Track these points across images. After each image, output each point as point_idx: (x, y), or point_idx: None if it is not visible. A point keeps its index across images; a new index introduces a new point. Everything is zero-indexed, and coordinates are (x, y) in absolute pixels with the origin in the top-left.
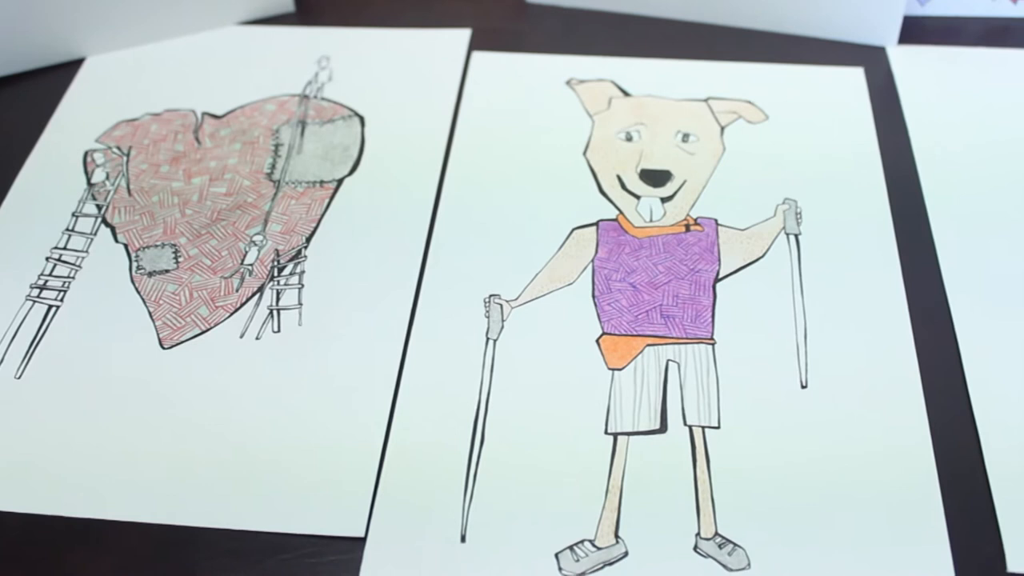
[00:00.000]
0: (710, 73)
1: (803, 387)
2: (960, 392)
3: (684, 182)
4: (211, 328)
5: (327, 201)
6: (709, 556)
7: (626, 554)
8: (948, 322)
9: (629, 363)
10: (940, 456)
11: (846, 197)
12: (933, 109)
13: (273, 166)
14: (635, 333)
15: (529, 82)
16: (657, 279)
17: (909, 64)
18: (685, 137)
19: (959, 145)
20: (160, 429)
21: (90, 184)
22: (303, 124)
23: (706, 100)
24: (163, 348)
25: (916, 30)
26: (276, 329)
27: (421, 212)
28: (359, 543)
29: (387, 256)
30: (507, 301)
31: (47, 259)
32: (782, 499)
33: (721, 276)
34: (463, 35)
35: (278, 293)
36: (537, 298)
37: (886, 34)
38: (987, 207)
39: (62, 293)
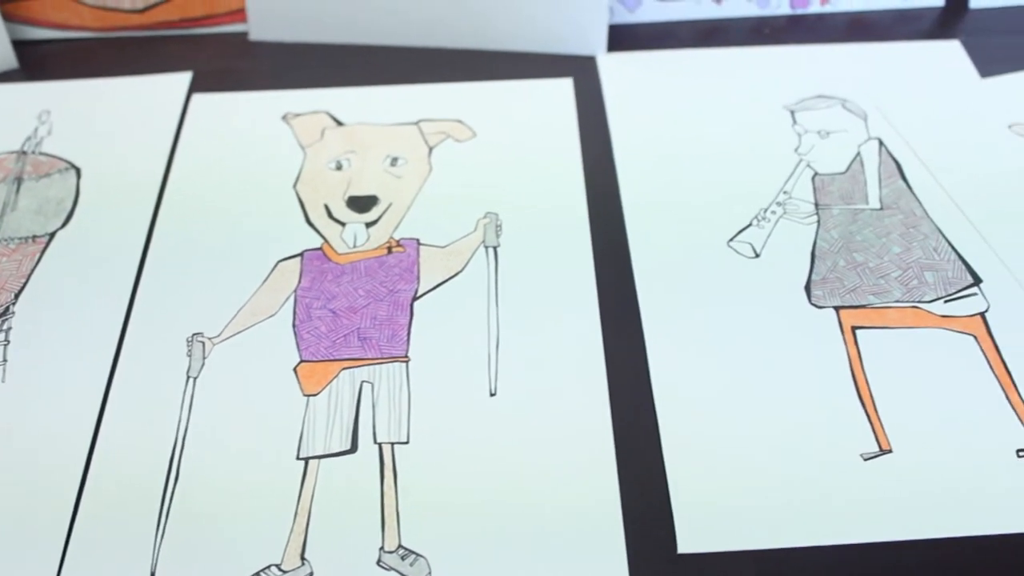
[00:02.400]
0: (423, 96)
1: (492, 395)
2: (645, 391)
3: (390, 205)
4: None
5: (38, 256)
6: (391, 568)
7: (311, 574)
8: (638, 326)
9: (324, 388)
10: (621, 452)
11: (547, 207)
12: (637, 114)
13: None
14: (332, 358)
15: (248, 120)
16: (357, 303)
17: (617, 71)
18: (394, 161)
19: (658, 147)
20: None
21: None
22: (19, 180)
23: (417, 123)
24: None
25: (628, 37)
26: None
27: (130, 258)
28: None
29: (94, 306)
30: (210, 338)
31: None
32: (466, 506)
33: (420, 294)
34: (183, 79)
35: None
36: (240, 332)
37: (594, 43)
38: (681, 212)
39: None
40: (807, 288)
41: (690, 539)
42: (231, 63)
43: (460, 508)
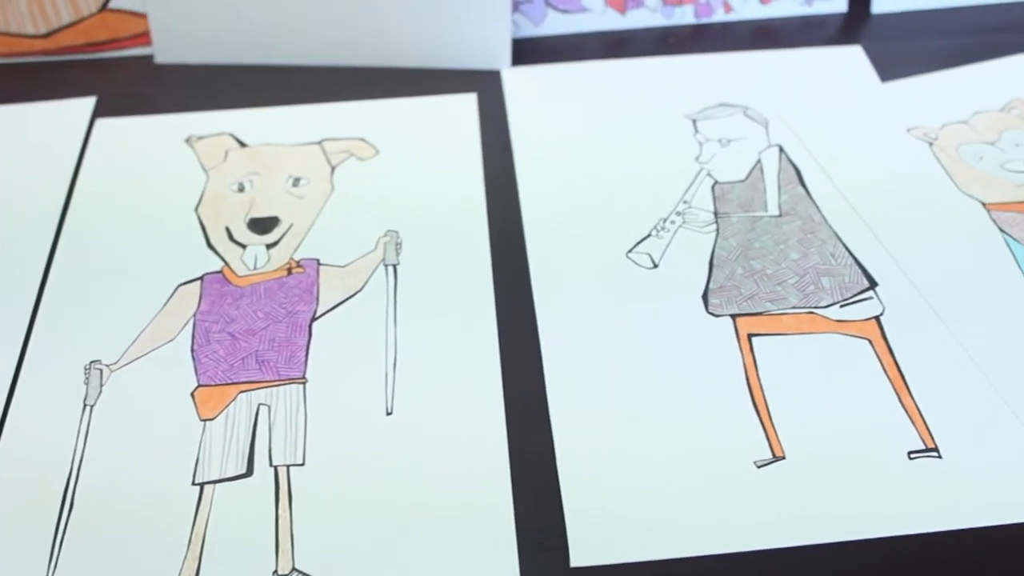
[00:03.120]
0: (327, 115)
1: (388, 414)
2: (541, 405)
3: (291, 226)
4: None
5: None
6: None
7: None
8: (535, 341)
9: (221, 412)
10: (516, 467)
11: (447, 224)
12: (540, 127)
13: None
14: (229, 382)
15: (151, 144)
16: (256, 325)
17: (522, 85)
18: (296, 181)
19: (560, 160)
20: None
21: None
22: None
23: (320, 142)
24: None
25: (535, 50)
26: None
27: (30, 284)
28: None
29: None
30: (108, 365)
31: None
32: (360, 526)
33: (319, 314)
34: (87, 104)
35: None
36: (139, 358)
37: (498, 58)
38: (581, 225)
39: None
40: (704, 297)
41: (583, 552)
42: (136, 87)
43: (354, 528)
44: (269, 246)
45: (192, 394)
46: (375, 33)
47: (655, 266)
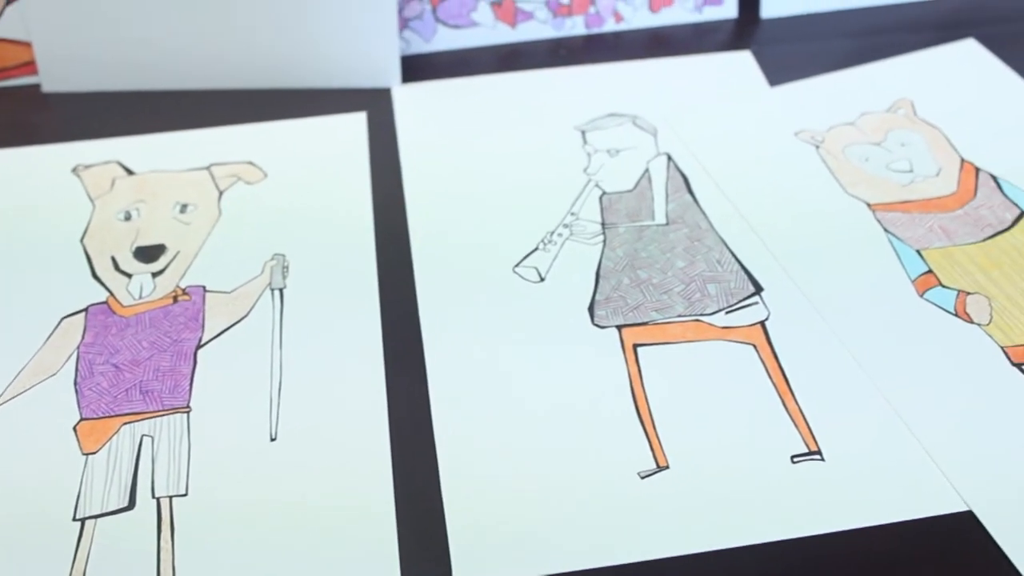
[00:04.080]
0: (216, 140)
1: (272, 440)
2: (426, 425)
3: (177, 253)
4: None
5: None
6: None
7: None
8: (421, 361)
9: (103, 445)
10: (400, 490)
11: (335, 246)
12: (429, 144)
13: None
14: (113, 414)
15: (38, 174)
16: (140, 355)
17: (412, 102)
18: (183, 208)
19: (449, 177)
20: None
21: None
22: None
23: (208, 167)
24: None
25: (426, 67)
26: None
27: None
28: None
29: None
30: None
31: None
32: (244, 552)
33: (204, 342)
34: None
35: None
36: (21, 393)
37: (388, 75)
38: (469, 242)
39: None
40: (591, 309)
41: (466, 569)
42: (23, 116)
43: (236, 556)
44: (155, 274)
45: (74, 428)
46: (263, 55)
47: (541, 280)
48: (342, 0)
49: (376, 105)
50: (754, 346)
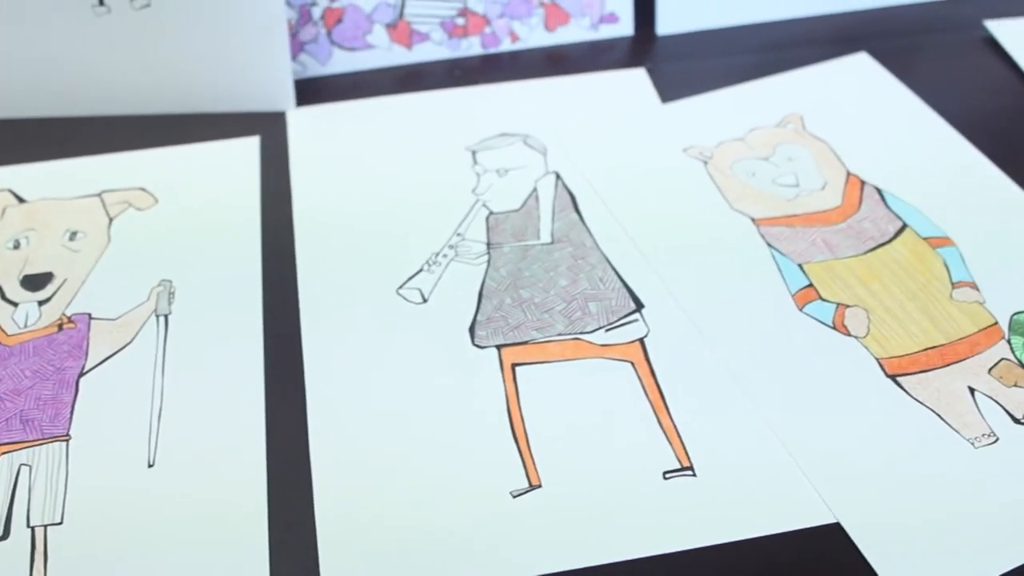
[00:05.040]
0: (109, 166)
1: (150, 466)
2: (303, 454)
3: (64, 281)
4: None
5: None
6: None
7: None
8: (301, 385)
9: None
10: (274, 514)
11: (222, 270)
12: (321, 168)
13: None
14: None
15: None
16: (22, 385)
17: (306, 125)
18: (73, 235)
19: (340, 200)
20: None
21: None
22: None
23: (99, 194)
24: None
25: (323, 89)
26: None
27: None
28: None
29: None
30: None
31: None
32: None
33: (87, 369)
34: None
35: None
36: None
37: (282, 99)
38: (356, 264)
39: None
40: (471, 329)
41: None
42: None
43: None
44: (42, 303)
45: None
46: (155, 81)
47: (424, 301)
48: (232, 25)
49: (270, 129)
50: (632, 363)
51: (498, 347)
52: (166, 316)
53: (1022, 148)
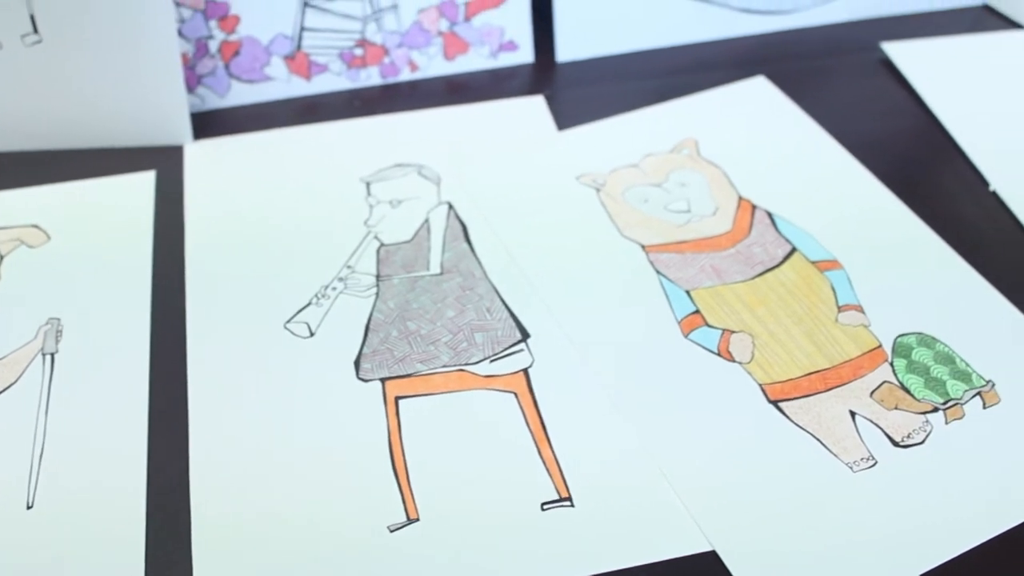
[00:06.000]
0: (1, 202)
1: (29, 507)
2: (183, 494)
3: None
4: None
5: None
6: None
7: None
8: (184, 423)
9: None
10: (152, 553)
11: (111, 308)
12: (216, 201)
13: None
14: None
15: None
16: None
17: (203, 158)
18: None
19: (232, 234)
20: None
21: None
22: None
23: None
24: None
25: (222, 122)
26: None
27: None
28: None
29: None
30: None
31: None
32: None
33: None
34: None
35: None
36: None
37: (178, 133)
38: (245, 300)
39: None
40: (357, 363)
41: None
42: None
43: None
44: None
45: None
46: (50, 116)
47: (312, 335)
48: (126, 59)
49: (167, 163)
50: (515, 394)
51: (382, 380)
52: (52, 355)
53: (916, 169)
